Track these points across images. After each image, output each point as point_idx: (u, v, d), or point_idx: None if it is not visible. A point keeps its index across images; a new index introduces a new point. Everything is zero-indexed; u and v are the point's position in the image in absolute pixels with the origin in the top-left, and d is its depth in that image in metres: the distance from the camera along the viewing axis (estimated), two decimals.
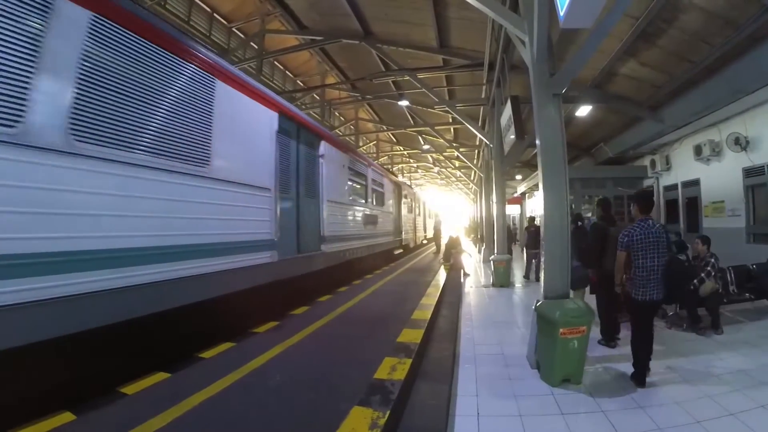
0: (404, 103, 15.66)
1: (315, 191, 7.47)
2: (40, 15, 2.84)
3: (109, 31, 3.35)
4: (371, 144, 26.41)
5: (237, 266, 4.89)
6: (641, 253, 3.87)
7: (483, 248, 16.45)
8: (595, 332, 4.81)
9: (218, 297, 4.57)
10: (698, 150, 10.64)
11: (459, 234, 18.74)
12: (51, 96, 2.89)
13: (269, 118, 5.87)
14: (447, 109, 14.62)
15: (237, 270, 4.87)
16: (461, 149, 21.96)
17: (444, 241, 15.77)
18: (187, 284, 4.13)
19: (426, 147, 24.11)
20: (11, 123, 2.66)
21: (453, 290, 8.78)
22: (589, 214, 15.12)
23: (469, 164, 22.42)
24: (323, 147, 7.92)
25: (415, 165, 35.90)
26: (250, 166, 5.36)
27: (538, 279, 10.19)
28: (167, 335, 4.09)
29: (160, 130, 3.89)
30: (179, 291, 4.04)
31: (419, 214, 22.93)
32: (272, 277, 5.68)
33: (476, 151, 21.62)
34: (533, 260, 10.71)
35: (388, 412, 2.72)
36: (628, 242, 3.94)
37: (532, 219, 12.07)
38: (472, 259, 16.66)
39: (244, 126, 5.28)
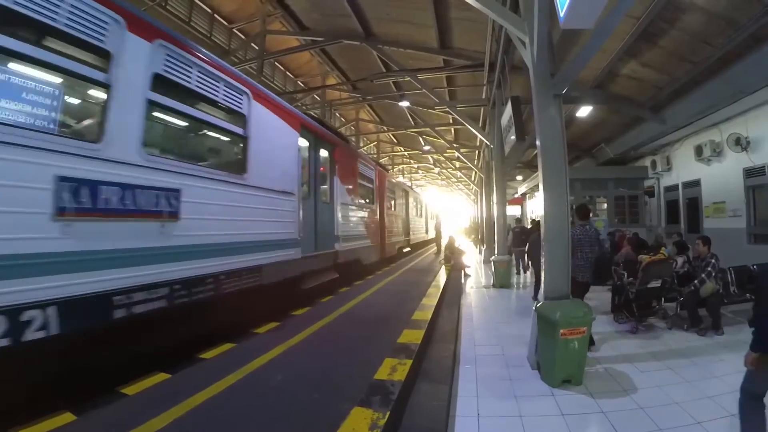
0: (405, 103, 15.67)
1: None
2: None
3: None
4: (372, 144, 26.42)
5: None
6: (579, 247, 5.13)
7: (484, 249, 16.43)
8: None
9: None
10: (699, 150, 10.64)
11: (457, 236, 18.64)
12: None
13: None
14: (447, 109, 14.63)
15: None
16: (462, 150, 21.95)
17: (444, 242, 15.72)
18: None
19: (426, 148, 24.12)
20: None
21: (454, 291, 8.77)
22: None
23: (470, 165, 22.42)
24: None
25: (415, 166, 35.90)
26: None
27: (524, 271, 12.09)
28: (167, 335, 4.08)
29: None
30: None
31: (393, 208, 14.59)
32: None
33: (477, 151, 21.62)
34: (518, 257, 12.04)
35: (388, 413, 2.72)
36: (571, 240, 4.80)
37: (518, 220, 14.04)
38: (472, 260, 16.61)
39: None
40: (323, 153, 8.05)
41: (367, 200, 11.21)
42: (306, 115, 7.58)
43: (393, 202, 14.65)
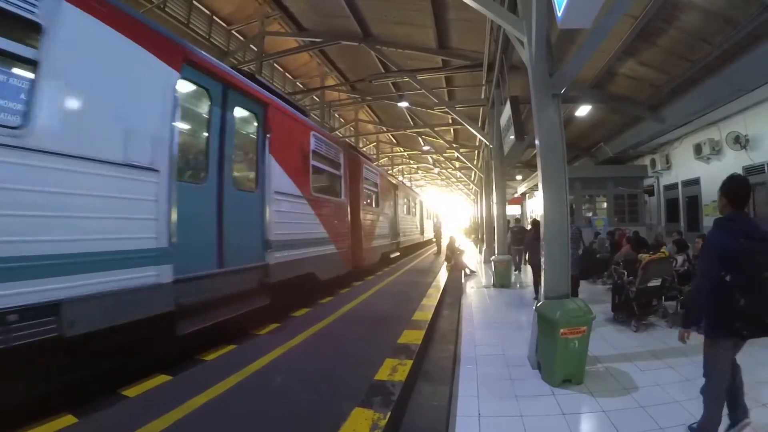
0: (404, 104, 15.69)
1: None
2: None
3: None
4: (371, 145, 26.43)
5: None
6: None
7: (484, 249, 16.44)
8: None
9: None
10: (698, 149, 10.67)
11: (456, 236, 18.56)
12: None
13: None
14: (447, 110, 14.64)
15: None
16: (461, 150, 21.97)
17: (445, 242, 15.70)
18: None
19: (426, 148, 24.13)
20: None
21: (454, 291, 8.77)
22: (589, 214, 15.22)
23: (469, 165, 22.43)
24: None
25: (415, 166, 35.92)
26: None
27: (519, 269, 12.31)
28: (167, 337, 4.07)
29: None
30: None
31: (374, 204, 11.70)
32: None
33: (476, 151, 21.64)
34: (516, 255, 12.17)
35: (388, 413, 2.72)
36: None
37: (517, 221, 13.61)
38: (472, 260, 16.59)
39: None
40: (243, 115, 5.47)
41: (329, 191, 8.28)
42: (205, 54, 4.74)
43: (374, 197, 11.65)
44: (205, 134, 4.74)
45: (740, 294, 2.48)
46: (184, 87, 4.29)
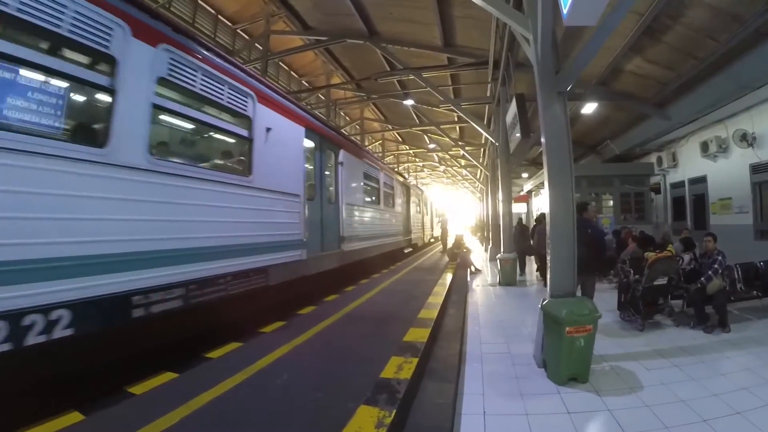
0: (409, 102, 15.64)
1: None
2: None
3: None
4: (377, 143, 26.40)
5: None
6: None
7: (490, 247, 16.39)
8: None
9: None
10: (705, 147, 10.59)
11: (463, 233, 18.52)
12: None
13: None
14: (452, 107, 14.59)
15: None
16: (467, 148, 21.89)
17: (451, 240, 15.69)
18: None
19: (432, 146, 24.06)
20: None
21: (459, 289, 8.77)
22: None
23: (475, 163, 22.34)
24: None
25: (421, 164, 35.84)
26: None
27: None
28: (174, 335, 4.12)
29: None
30: None
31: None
32: None
33: (482, 149, 21.55)
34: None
35: (394, 411, 2.73)
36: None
37: (519, 221, 14.19)
38: (478, 258, 16.55)
39: None
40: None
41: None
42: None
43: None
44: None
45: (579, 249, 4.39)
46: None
